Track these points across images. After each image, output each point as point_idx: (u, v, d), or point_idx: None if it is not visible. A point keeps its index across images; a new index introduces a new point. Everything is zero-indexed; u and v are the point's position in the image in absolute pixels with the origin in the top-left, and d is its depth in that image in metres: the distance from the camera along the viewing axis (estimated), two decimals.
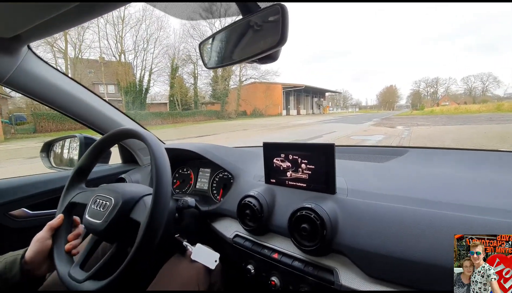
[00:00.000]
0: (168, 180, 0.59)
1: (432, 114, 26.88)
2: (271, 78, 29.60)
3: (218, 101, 27.49)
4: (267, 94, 30.05)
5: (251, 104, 29.77)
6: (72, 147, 1.31)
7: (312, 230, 0.60)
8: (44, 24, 0.64)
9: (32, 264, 0.61)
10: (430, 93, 73.74)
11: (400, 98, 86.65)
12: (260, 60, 0.58)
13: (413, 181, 0.69)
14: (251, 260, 0.77)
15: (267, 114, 30.48)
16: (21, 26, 0.66)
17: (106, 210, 0.62)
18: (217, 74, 27.56)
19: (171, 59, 25.51)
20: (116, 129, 0.71)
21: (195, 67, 27.22)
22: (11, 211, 0.97)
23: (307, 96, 39.57)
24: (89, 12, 0.60)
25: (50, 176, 1.11)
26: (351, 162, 0.91)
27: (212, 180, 1.08)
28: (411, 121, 15.60)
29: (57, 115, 15.25)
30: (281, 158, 0.79)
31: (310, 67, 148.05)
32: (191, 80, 27.67)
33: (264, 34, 0.53)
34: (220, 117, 25.95)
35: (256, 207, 0.72)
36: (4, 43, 0.73)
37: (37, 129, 14.42)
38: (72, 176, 0.75)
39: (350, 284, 0.56)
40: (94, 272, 0.59)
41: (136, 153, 1.26)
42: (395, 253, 0.51)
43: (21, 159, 7.16)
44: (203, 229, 0.95)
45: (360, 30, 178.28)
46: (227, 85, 27.88)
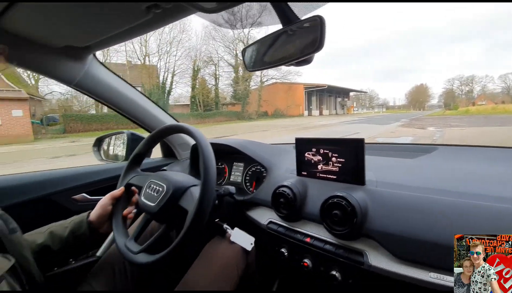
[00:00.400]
0: (214, 172, 0.67)
1: (468, 114, 25.05)
2: (292, 78, 29.11)
3: (239, 102, 27.34)
4: (288, 94, 29.57)
5: (272, 104, 29.49)
6: (117, 143, 1.47)
7: (343, 216, 0.67)
8: (111, 36, 0.76)
9: (96, 224, 0.75)
10: (464, 92, 68.60)
11: (432, 98, 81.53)
12: (296, 63, 0.66)
13: (440, 174, 0.73)
14: (284, 244, 0.84)
15: (288, 115, 29.99)
16: (93, 38, 0.79)
17: (159, 195, 0.72)
18: (238, 75, 27.67)
19: (193, 61, 26.02)
20: (170, 124, 0.82)
21: (216, 68, 27.56)
22: (74, 195, 1.13)
23: (330, 96, 38.41)
24: (151, 25, 0.71)
25: (102, 166, 1.27)
26: (380, 158, 0.96)
27: (245, 173, 1.17)
28: (443, 122, 14.63)
29: (84, 116, 16.65)
30: (312, 152, 0.85)
31: (334, 66, 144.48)
32: (213, 81, 28.07)
33: (302, 41, 0.60)
34: (241, 118, 25.89)
35: (290, 195, 0.80)
36: (77, 51, 0.87)
37: (66, 129, 15.33)
38: (131, 160, 0.87)
39: (379, 264, 0.62)
40: (146, 246, 0.69)
41: (175, 148, 1.39)
42: (422, 236, 0.57)
43: (43, 158, 7.39)
44: (238, 217, 1.05)
45: (387, 27, 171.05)
46: (247, 85, 27.86)
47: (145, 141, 0.87)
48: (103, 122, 16.79)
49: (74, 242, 0.73)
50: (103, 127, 16.36)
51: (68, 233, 0.72)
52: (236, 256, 0.84)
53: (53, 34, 0.75)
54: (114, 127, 16.38)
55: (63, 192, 1.07)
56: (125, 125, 17.00)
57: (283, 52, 0.66)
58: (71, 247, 0.73)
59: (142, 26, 0.68)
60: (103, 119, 16.97)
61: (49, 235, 0.71)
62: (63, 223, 0.75)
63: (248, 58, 0.74)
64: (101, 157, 1.46)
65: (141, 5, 0.57)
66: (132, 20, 0.65)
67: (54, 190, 1.05)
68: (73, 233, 0.72)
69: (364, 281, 0.67)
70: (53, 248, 0.70)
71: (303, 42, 0.59)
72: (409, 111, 56.58)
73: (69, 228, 0.73)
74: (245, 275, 0.86)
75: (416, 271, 0.57)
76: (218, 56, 27.73)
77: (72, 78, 0.93)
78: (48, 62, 0.86)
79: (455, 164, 0.81)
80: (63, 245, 0.71)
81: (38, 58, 0.84)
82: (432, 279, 0.54)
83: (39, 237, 0.71)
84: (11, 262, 0.51)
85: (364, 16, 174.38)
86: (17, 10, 0.61)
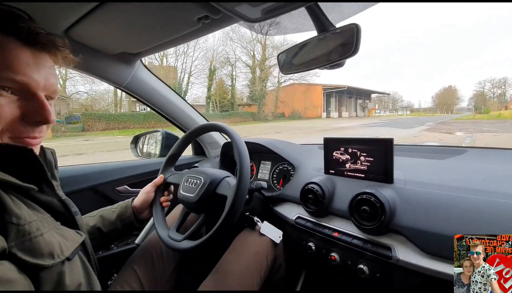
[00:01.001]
0: (248, 163, 0.74)
1: (500, 118, 23.54)
2: (310, 79, 28.32)
3: (255, 103, 27.52)
4: (306, 95, 29.00)
5: (289, 106, 29.03)
6: (152, 141, 1.59)
7: (371, 212, 0.70)
8: (160, 44, 0.86)
9: (139, 209, 0.85)
10: (496, 95, 63.74)
11: (461, 101, 76.64)
12: (329, 67, 0.71)
13: (469, 174, 0.74)
14: (312, 239, 0.89)
15: (305, 116, 29.36)
16: (145, 45, 0.89)
17: (197, 187, 0.80)
18: (254, 76, 27.58)
19: (210, 62, 26.18)
20: (205, 123, 0.90)
21: (232, 69, 27.66)
22: (117, 187, 1.24)
23: (350, 97, 37.15)
24: (197, 33, 0.79)
25: (141, 162, 1.38)
26: (409, 158, 0.97)
27: (273, 172, 1.23)
28: (473, 127, 13.70)
29: (103, 115, 17.43)
30: (341, 151, 0.89)
31: (356, 67, 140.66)
32: (229, 82, 28.19)
33: (337, 46, 0.65)
34: (257, 119, 25.92)
35: (319, 191, 0.84)
36: (129, 57, 0.98)
37: (85, 128, 16.13)
38: (167, 160, 0.96)
39: (407, 259, 0.64)
40: (189, 234, 0.77)
41: (205, 146, 1.48)
42: (449, 232, 0.59)
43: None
44: (265, 212, 1.10)
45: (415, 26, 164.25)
46: (264, 86, 27.66)
47: (182, 139, 0.96)
48: (120, 121, 17.65)
49: (121, 224, 0.82)
50: (120, 126, 17.37)
51: (116, 216, 0.82)
52: (265, 247, 0.89)
53: (111, 42, 0.86)
54: (131, 126, 17.70)
55: (108, 183, 1.19)
56: (142, 124, 17.68)
57: (316, 57, 0.71)
58: (118, 229, 0.82)
59: (190, 34, 0.77)
60: (120, 119, 17.83)
61: (100, 218, 0.82)
62: (111, 207, 0.86)
63: (283, 62, 0.80)
64: (137, 153, 1.59)
65: (193, 16, 0.65)
66: (183, 29, 0.73)
67: (101, 181, 1.17)
68: (119, 217, 0.83)
69: (391, 275, 0.70)
70: (103, 230, 0.80)
71: (338, 47, 0.64)
72: (435, 115, 53.54)
73: (117, 212, 0.83)
74: (274, 265, 0.92)
75: (443, 266, 0.59)
76: (236, 57, 27.82)
77: (122, 81, 1.04)
78: (103, 67, 0.97)
79: (485, 165, 0.82)
80: (112, 227, 0.81)
81: (95, 63, 0.95)
82: None
83: (91, 220, 0.81)
84: (83, 236, 0.60)
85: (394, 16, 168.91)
86: (85, 23, 0.72)
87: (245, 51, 28.21)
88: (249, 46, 27.51)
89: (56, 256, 0.47)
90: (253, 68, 27.87)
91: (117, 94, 22.15)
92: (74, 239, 0.55)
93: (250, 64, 28.00)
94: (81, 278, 0.52)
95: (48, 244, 0.47)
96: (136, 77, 1.06)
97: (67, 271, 0.49)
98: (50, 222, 0.53)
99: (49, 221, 0.52)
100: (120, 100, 22.83)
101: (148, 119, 18.25)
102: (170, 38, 0.80)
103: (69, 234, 0.55)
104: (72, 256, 0.51)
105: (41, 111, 0.51)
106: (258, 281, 0.82)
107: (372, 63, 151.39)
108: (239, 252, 0.87)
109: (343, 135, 0.94)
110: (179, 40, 0.82)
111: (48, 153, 0.63)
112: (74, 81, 19.66)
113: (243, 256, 0.85)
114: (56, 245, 0.48)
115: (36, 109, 0.50)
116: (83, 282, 0.53)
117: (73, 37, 0.81)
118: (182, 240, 0.76)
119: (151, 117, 18.22)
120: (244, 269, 0.81)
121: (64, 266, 0.48)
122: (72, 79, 19.37)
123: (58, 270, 0.47)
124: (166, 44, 0.86)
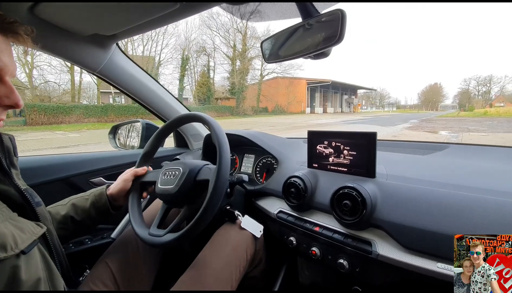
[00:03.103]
0: (228, 150, 0.70)
1: (486, 116, 22.39)
2: (294, 73, 26.71)
3: (234, 96, 25.32)
4: (289, 90, 27.18)
5: (272, 100, 27.27)
6: (132, 131, 1.52)
7: (353, 206, 0.69)
8: (136, 26, 0.80)
9: (115, 196, 0.82)
10: (481, 92, 63.86)
11: (446, 98, 77.48)
12: (314, 56, 0.68)
13: (450, 170, 0.74)
14: (293, 233, 0.87)
15: (289, 111, 27.93)
16: (120, 27, 0.82)
17: (176, 178, 0.76)
18: (234, 68, 25.70)
19: (182, 51, 23.90)
20: (186, 113, 0.85)
21: (209, 59, 25.67)
22: (92, 179, 1.18)
23: (336, 93, 35.93)
24: (175, 15, 0.74)
25: (119, 153, 1.31)
26: (391, 153, 0.97)
27: (256, 165, 1.20)
28: (459, 125, 12.77)
29: (49, 107, 14.32)
30: (324, 144, 0.88)
31: (342, 61, 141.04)
32: (207, 74, 25.85)
33: (321, 34, 0.62)
34: (235, 113, 23.82)
35: (301, 185, 0.82)
36: (103, 40, 0.91)
37: (27, 122, 13.33)
38: (140, 160, 0.89)
39: (387, 254, 0.64)
40: (172, 227, 0.72)
41: (188, 138, 1.43)
42: (430, 228, 0.58)
43: None
44: (247, 206, 1.08)
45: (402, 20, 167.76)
46: (242, 79, 25.42)
47: (156, 134, 0.89)
48: (71, 114, 14.74)
49: (96, 212, 0.78)
50: (71, 119, 14.64)
51: (90, 204, 0.78)
52: (246, 241, 0.87)
53: (82, 22, 0.79)
54: (85, 120, 15.11)
55: (82, 174, 1.12)
56: (98, 117, 15.44)
57: (301, 45, 0.68)
58: (93, 217, 0.78)
59: (167, 16, 0.72)
60: (70, 111, 14.80)
61: (71, 207, 0.77)
62: (83, 195, 0.81)
63: (266, 51, 0.76)
64: (116, 144, 1.52)
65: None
66: (159, 10, 0.68)
67: (74, 172, 1.10)
68: (94, 204, 0.78)
69: (371, 270, 0.69)
70: (76, 218, 0.76)
71: (322, 35, 0.61)
72: (420, 112, 54.01)
73: (90, 200, 0.79)
74: (254, 260, 0.90)
75: (423, 261, 0.59)
76: (215, 46, 25.90)
77: (96, 66, 0.97)
78: (75, 49, 0.90)
79: (466, 161, 0.82)
80: (86, 215, 0.77)
81: (66, 45, 0.88)
82: (439, 269, 0.56)
83: (62, 209, 0.76)
84: (43, 229, 0.55)
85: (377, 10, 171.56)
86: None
87: (225, 42, 26.05)
88: (227, 35, 25.46)
89: (10, 249, 0.43)
90: (233, 59, 25.95)
91: (75, 83, 18.87)
92: (32, 231, 0.51)
93: (230, 55, 26.12)
94: (40, 273, 0.48)
95: (0, 235, 0.43)
96: (111, 62, 1.00)
97: (23, 265, 0.45)
98: (5, 212, 0.49)
99: (3, 212, 0.49)
100: (79, 91, 19.44)
101: (107, 113, 15.87)
102: (147, 20, 0.74)
103: (27, 226, 0.51)
104: (29, 249, 0.48)
105: (10, 96, 0.51)
106: (237, 276, 0.80)
107: (359, 58, 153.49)
108: (218, 247, 0.84)
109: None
110: (157, 22, 0.77)
111: (5, 139, 0.58)
112: (42, 70, 17.78)
113: (222, 250, 0.83)
114: (9, 237, 0.44)
115: (6, 93, 0.50)
116: (43, 277, 0.49)
117: (40, 15, 0.74)
118: (164, 234, 0.71)
119: (110, 111, 16.03)
120: (223, 264, 0.79)
121: (19, 259, 0.45)
122: (40, 67, 17.60)
123: (12, 264, 0.44)
124: (143, 27, 0.80)
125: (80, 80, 19.37)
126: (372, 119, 19.22)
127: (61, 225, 0.73)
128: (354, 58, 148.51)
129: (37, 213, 0.58)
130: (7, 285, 0.42)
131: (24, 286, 0.44)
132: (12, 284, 0.43)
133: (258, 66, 26.58)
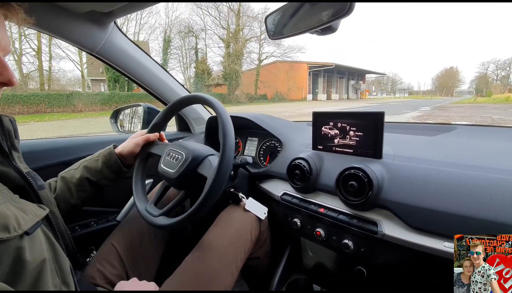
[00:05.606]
0: (233, 142, 0.69)
1: (509, 102, 18.84)
2: (295, 56, 24.55)
3: (226, 83, 23.53)
4: (289, 75, 25.02)
5: (271, 86, 25.07)
6: (134, 115, 1.50)
7: (359, 187, 0.68)
8: (134, 2, 0.76)
9: (126, 157, 0.84)
10: (500, 77, 59.92)
11: (462, 83, 73.36)
12: (321, 31, 0.65)
13: (459, 150, 0.72)
14: (298, 215, 0.87)
15: (289, 98, 25.70)
16: (117, 3, 0.79)
17: (178, 163, 0.75)
18: (228, 51, 23.68)
19: (163, 31, 22.01)
20: (190, 94, 0.83)
21: (196, 41, 23.92)
22: None
23: (341, 78, 32.72)
24: None
25: (120, 136, 1.30)
26: (398, 135, 0.95)
27: (260, 148, 1.19)
28: (479, 113, 10.48)
29: (24, 97, 13.34)
30: (330, 125, 0.85)
31: (351, 44, 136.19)
32: (194, 57, 24.07)
33: (329, 6, 0.59)
34: (226, 101, 21.65)
35: (306, 167, 0.81)
36: (100, 17, 0.88)
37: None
38: (149, 130, 0.90)
39: (393, 234, 0.63)
40: (167, 210, 0.73)
41: (190, 122, 1.41)
42: (437, 207, 0.57)
43: None
44: (251, 189, 1.07)
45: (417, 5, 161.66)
46: (233, 63, 23.50)
47: (164, 112, 0.89)
48: (30, 103, 13.37)
49: (109, 171, 0.81)
50: (30, 110, 13.31)
51: (101, 164, 0.80)
52: (250, 223, 0.87)
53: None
54: (48, 110, 13.84)
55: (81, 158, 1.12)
56: (63, 107, 14.25)
57: (307, 19, 0.64)
58: (107, 177, 0.81)
59: None
60: (29, 101, 13.35)
61: (84, 169, 0.79)
62: (92, 157, 0.83)
63: (271, 26, 0.73)
64: (117, 129, 1.50)
65: None
66: None
67: (78, 155, 1.09)
68: (105, 164, 0.80)
69: (376, 250, 0.69)
70: (92, 179, 0.78)
71: (330, 7, 0.58)
72: (434, 97, 49.93)
73: (100, 160, 0.81)
74: (258, 241, 0.90)
75: (430, 241, 0.58)
76: (206, 28, 24.10)
77: (94, 46, 0.94)
78: (72, 28, 0.87)
79: (476, 141, 0.80)
80: (101, 176, 0.80)
81: (62, 24, 0.85)
82: (446, 248, 0.55)
83: (75, 172, 0.78)
84: (46, 211, 0.55)
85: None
86: None
87: (217, 22, 23.92)
88: (218, 14, 23.37)
89: (12, 230, 0.43)
90: (226, 42, 24.12)
91: (51, 69, 17.67)
92: (35, 213, 0.51)
93: (224, 37, 24.22)
94: (45, 254, 0.48)
95: (2, 216, 0.43)
96: (110, 41, 0.96)
97: (27, 246, 0.45)
98: (6, 194, 0.49)
99: (4, 193, 0.48)
100: (49, 77, 17.95)
101: (73, 101, 14.40)
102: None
103: (29, 208, 0.51)
104: (32, 230, 0.47)
105: (3, 72, 0.49)
106: (242, 257, 0.81)
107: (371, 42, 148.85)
108: (222, 228, 0.85)
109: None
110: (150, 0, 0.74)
111: (6, 121, 0.57)
112: (31, 57, 16.95)
113: (227, 231, 0.83)
114: (11, 218, 0.44)
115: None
116: (48, 258, 0.49)
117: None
118: (158, 215, 0.73)
119: (76, 99, 14.57)
120: (227, 245, 0.79)
121: (23, 240, 0.45)
122: (28, 54, 16.98)
123: (16, 245, 0.43)
124: (141, 2, 0.76)
125: (50, 66, 18.01)
126: (379, 107, 17.64)
127: (79, 187, 0.76)
128: (364, 41, 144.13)
129: (39, 196, 0.57)
130: (12, 265, 0.42)
131: (29, 267, 0.43)
132: (17, 265, 0.42)
133: (256, 49, 24.86)
